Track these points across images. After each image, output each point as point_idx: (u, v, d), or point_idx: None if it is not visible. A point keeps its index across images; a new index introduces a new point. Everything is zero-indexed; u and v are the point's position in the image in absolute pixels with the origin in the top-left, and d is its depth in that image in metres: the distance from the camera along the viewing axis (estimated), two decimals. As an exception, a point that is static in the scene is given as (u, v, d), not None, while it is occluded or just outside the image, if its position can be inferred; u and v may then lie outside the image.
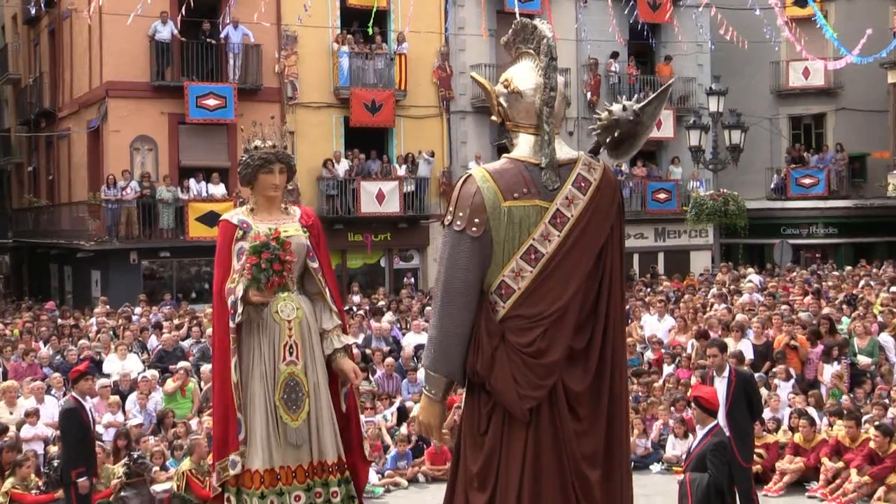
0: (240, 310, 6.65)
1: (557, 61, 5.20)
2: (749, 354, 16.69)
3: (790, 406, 15.22)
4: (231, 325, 6.71)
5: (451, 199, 5.14)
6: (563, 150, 5.20)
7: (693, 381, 16.05)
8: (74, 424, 10.70)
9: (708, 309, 21.37)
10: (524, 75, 5.26)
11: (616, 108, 5.42)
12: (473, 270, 5.02)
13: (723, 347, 11.90)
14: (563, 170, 5.15)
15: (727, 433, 10.51)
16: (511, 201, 5.02)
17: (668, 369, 17.68)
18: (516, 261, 5.02)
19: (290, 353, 6.85)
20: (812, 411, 14.80)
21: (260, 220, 6.99)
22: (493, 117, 5.41)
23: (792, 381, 16.12)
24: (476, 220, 5.00)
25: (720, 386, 11.18)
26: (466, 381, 5.17)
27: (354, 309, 23.26)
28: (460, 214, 5.03)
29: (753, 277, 25.64)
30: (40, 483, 12.94)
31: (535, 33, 5.27)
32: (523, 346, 4.98)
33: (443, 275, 5.07)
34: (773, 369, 16.38)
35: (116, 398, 15.98)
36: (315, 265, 7.05)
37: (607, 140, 5.41)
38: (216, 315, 7.08)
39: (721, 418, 10.68)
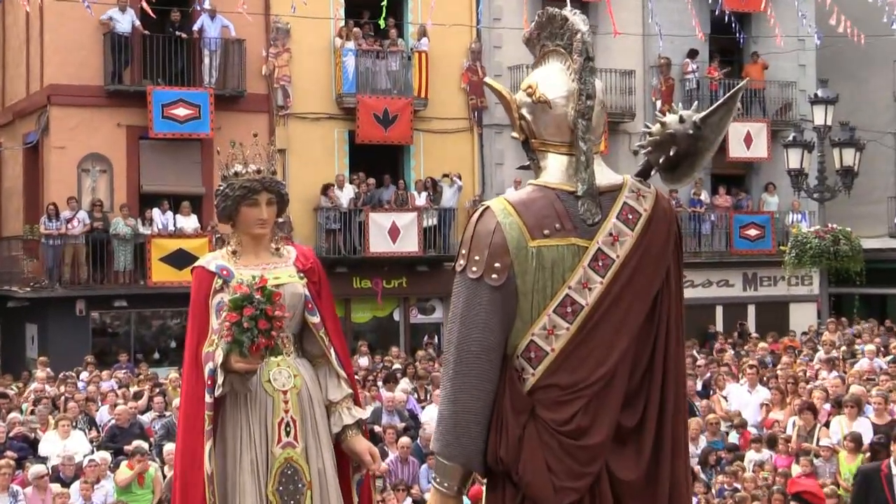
0: (220, 380, 6.49)
1: (595, 62, 5.14)
2: (868, 437, 16.51)
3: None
4: (208, 399, 6.57)
5: (464, 238, 5.06)
6: (604, 174, 5.12)
7: (795, 470, 15.88)
8: None
9: (813, 378, 21.21)
10: (553, 80, 5.19)
11: (671, 119, 5.33)
12: (494, 329, 4.93)
13: None
14: (604, 199, 5.06)
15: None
16: (540, 240, 4.93)
17: (760, 455, 17.50)
18: (549, 315, 4.93)
19: (287, 433, 6.73)
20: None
21: (244, 264, 6.90)
22: (515, 134, 5.34)
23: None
24: (496, 265, 4.90)
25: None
26: (487, 471, 5.09)
27: (361, 374, 23.21)
28: (476, 258, 4.94)
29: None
30: None
31: (567, 27, 5.21)
32: (560, 425, 4.88)
33: (455, 335, 4.99)
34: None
35: (60, 488, 15.94)
36: (316, 320, 6.96)
37: (661, 160, 5.33)
38: (186, 386, 6.99)
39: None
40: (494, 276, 4.90)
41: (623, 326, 4.97)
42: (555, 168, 5.12)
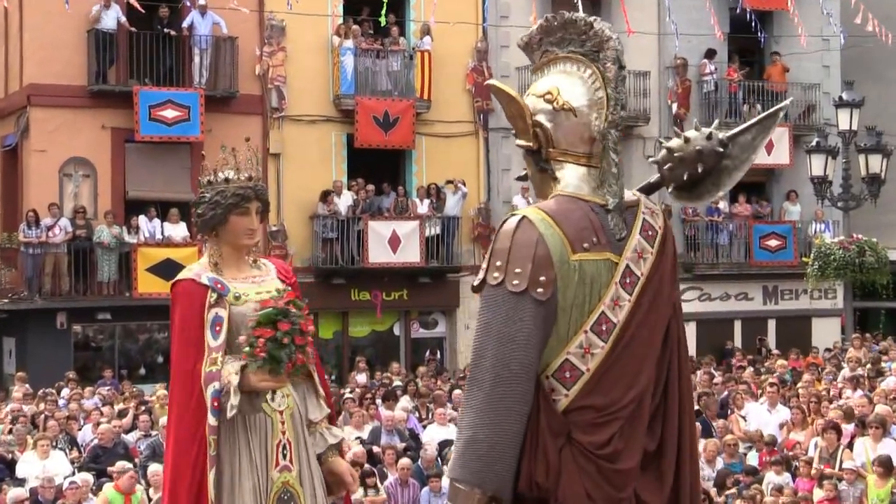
0: (234, 401, 6.46)
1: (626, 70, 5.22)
2: None
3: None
4: (212, 422, 6.54)
5: (498, 248, 5.02)
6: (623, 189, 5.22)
7: (817, 495, 15.85)
8: None
9: (836, 397, 21.18)
10: (573, 87, 5.22)
11: (696, 135, 5.36)
12: (535, 347, 4.92)
13: None
14: (628, 214, 5.15)
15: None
16: (581, 254, 4.97)
17: (780, 478, 17.47)
18: (585, 333, 4.97)
19: (284, 456, 6.74)
20: None
21: (231, 277, 6.89)
22: (522, 142, 5.28)
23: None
24: (542, 279, 4.91)
25: None
26: (515, 497, 5.05)
27: (358, 392, 23.19)
28: (517, 271, 4.92)
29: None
30: None
31: (593, 33, 5.23)
32: (597, 448, 4.91)
33: (491, 353, 4.93)
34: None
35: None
36: None
37: (683, 177, 5.36)
38: (178, 409, 6.92)
39: None
40: (540, 290, 4.91)
41: (649, 347, 5.04)
42: (574, 179, 5.14)
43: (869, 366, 24.69)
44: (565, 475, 4.88)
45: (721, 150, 5.27)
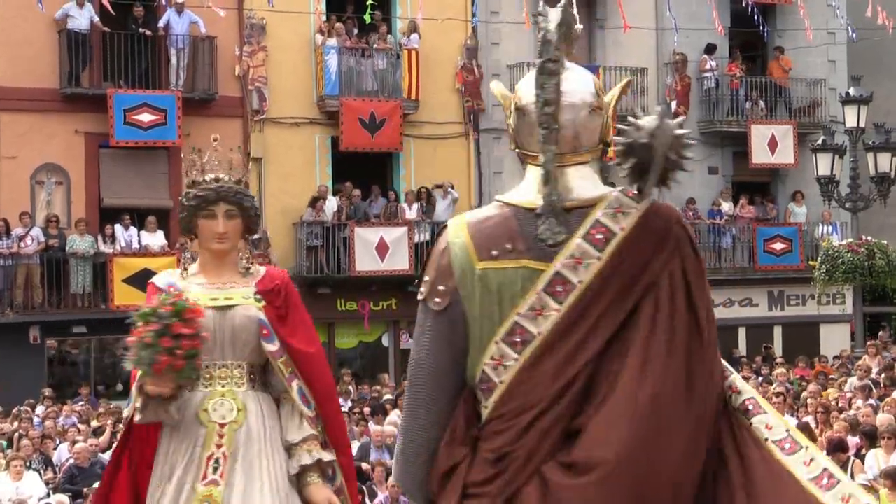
0: (137, 403, 6.68)
1: (556, 64, 5.01)
2: (908, 471, 16.49)
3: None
4: (135, 417, 6.80)
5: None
6: (585, 187, 5.02)
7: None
8: None
9: (846, 407, 21.17)
10: (530, 82, 5.16)
11: (636, 126, 5.17)
12: (438, 354, 4.99)
13: None
14: (574, 215, 5.02)
15: None
16: (487, 262, 4.91)
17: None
18: (496, 344, 4.91)
19: (214, 470, 6.73)
20: None
21: (210, 282, 7.00)
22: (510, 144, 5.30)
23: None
24: (440, 289, 4.94)
25: None
26: None
27: (346, 406, 23.17)
28: (426, 279, 5.01)
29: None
30: None
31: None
32: (488, 453, 4.93)
33: (411, 361, 5.12)
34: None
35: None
36: (272, 348, 6.97)
37: (630, 169, 5.22)
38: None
39: None
40: (437, 299, 4.95)
41: (574, 358, 4.91)
42: (529, 181, 5.09)
43: (883, 374, 24.61)
44: (450, 486, 4.86)
45: (645, 140, 4.87)
